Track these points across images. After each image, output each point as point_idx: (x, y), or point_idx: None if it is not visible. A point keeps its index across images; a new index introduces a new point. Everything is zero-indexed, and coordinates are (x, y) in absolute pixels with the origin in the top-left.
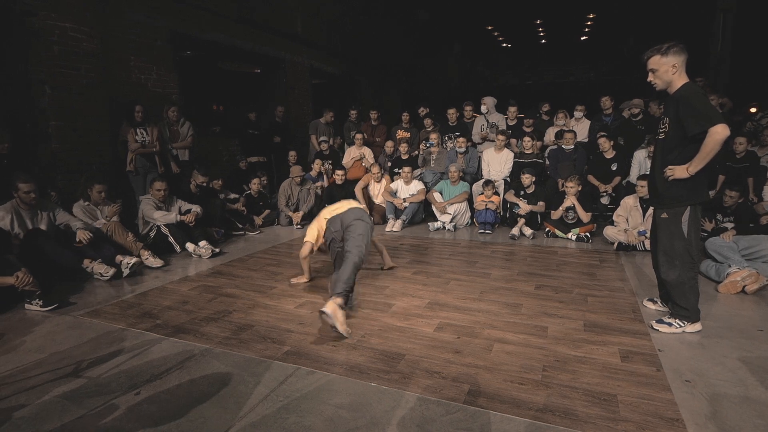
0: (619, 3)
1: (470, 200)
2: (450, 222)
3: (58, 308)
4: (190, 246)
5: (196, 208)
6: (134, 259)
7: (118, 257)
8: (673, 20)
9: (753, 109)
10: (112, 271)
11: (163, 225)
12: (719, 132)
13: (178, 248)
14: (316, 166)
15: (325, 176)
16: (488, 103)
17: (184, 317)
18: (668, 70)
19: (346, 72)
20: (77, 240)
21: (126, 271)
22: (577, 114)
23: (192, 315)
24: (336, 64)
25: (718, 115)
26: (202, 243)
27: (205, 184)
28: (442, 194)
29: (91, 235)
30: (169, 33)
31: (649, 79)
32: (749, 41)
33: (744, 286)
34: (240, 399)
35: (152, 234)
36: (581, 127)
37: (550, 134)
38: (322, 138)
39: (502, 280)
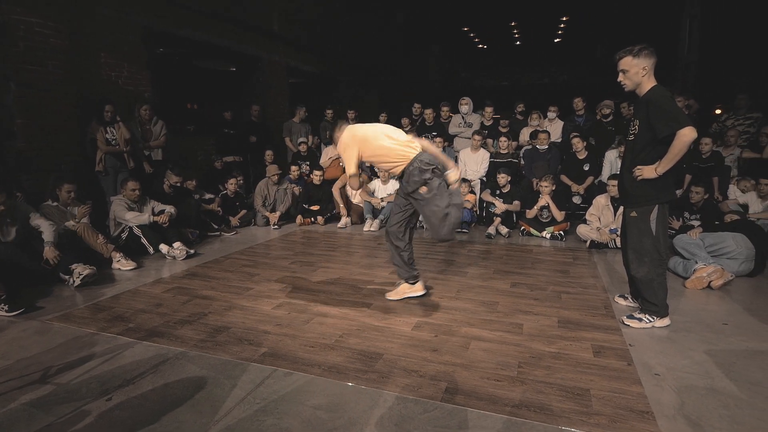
0: (590, 7)
1: None
2: None
3: (25, 313)
4: (163, 247)
5: (169, 209)
6: (87, 270)
7: (73, 266)
8: (642, 25)
9: (718, 111)
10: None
11: (136, 226)
12: (687, 134)
13: (151, 250)
14: (294, 172)
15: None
16: (469, 102)
17: (157, 320)
18: (639, 72)
19: (325, 71)
20: (44, 260)
21: (77, 282)
22: (551, 115)
23: (166, 318)
24: (314, 63)
25: (685, 118)
26: (177, 244)
27: (178, 184)
28: None
29: (59, 257)
30: (143, 29)
31: (619, 80)
32: (715, 46)
33: (710, 282)
34: (216, 402)
35: (124, 235)
36: (554, 128)
37: (524, 134)
38: (301, 139)
39: (478, 278)
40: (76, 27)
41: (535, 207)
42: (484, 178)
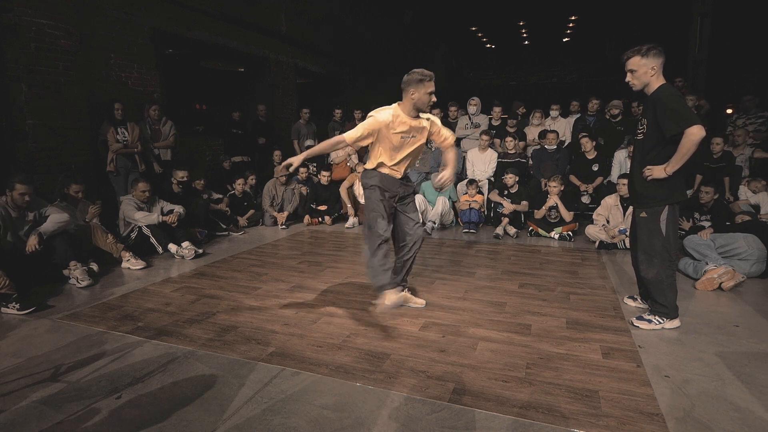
0: (599, 6)
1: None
2: (429, 220)
3: (36, 311)
4: (172, 247)
5: (178, 209)
6: (87, 269)
7: (72, 263)
8: (652, 24)
9: (729, 111)
10: (88, 281)
11: (145, 226)
12: (695, 133)
13: (160, 249)
14: (302, 173)
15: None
16: (478, 103)
17: (166, 319)
18: (647, 71)
19: (332, 71)
20: (27, 249)
21: (85, 281)
22: (553, 113)
23: (175, 317)
24: (321, 64)
25: (693, 116)
26: (185, 244)
27: (185, 179)
28: (424, 194)
29: (37, 249)
30: (152, 31)
31: (627, 80)
32: (725, 45)
33: (720, 283)
34: (224, 401)
35: (134, 235)
36: (557, 127)
37: (532, 134)
38: (308, 142)
39: (486, 279)
40: (86, 28)
41: (544, 207)
42: (492, 179)
